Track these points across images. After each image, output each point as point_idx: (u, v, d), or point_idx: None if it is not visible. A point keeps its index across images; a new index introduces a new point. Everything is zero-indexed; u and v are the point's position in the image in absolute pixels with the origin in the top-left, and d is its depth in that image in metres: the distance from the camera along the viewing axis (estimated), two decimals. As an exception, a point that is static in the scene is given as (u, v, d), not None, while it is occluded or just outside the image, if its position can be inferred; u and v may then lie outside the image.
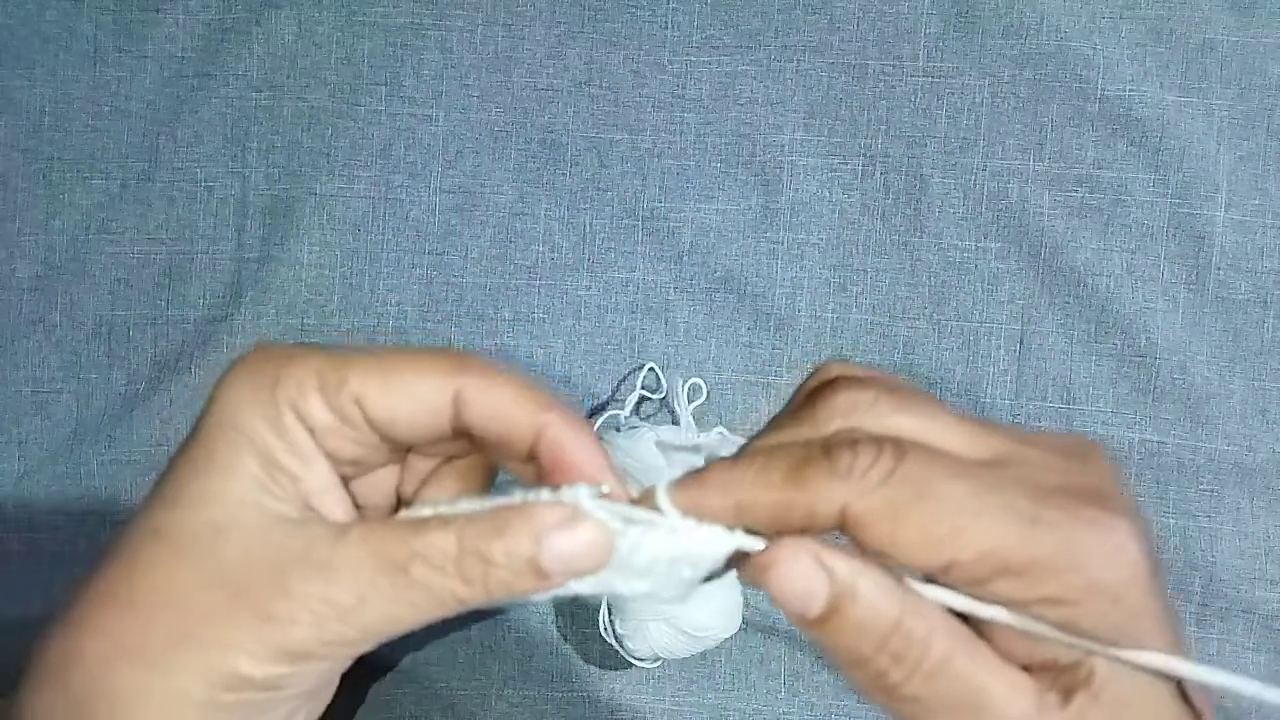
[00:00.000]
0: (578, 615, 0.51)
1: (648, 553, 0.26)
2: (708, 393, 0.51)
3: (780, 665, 0.51)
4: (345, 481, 0.28)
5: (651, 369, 0.52)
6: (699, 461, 0.40)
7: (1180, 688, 0.25)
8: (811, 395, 0.26)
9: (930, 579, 0.25)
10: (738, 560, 0.26)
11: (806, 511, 0.24)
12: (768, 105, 0.53)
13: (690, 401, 0.50)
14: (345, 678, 0.29)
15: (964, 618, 0.25)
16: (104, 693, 0.25)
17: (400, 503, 0.31)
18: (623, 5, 0.54)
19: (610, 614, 0.48)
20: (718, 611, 0.47)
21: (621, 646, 0.48)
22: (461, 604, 0.26)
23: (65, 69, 0.53)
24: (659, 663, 0.50)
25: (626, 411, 0.51)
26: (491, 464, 0.29)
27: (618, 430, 0.50)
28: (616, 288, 0.53)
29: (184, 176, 0.53)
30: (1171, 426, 0.52)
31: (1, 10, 0.53)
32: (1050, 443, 0.26)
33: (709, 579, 0.27)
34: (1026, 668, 0.25)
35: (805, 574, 0.24)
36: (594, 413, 0.52)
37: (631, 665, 0.49)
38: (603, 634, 0.48)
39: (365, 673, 0.51)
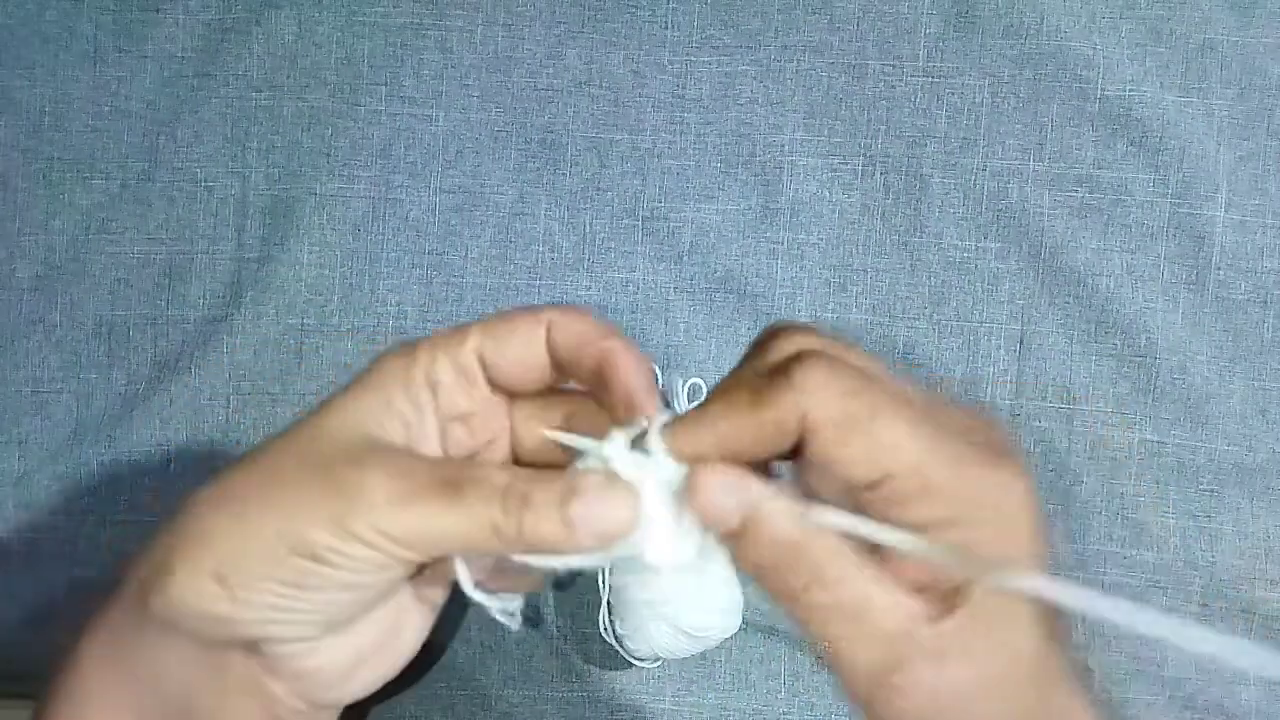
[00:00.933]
0: (578, 615, 0.51)
1: (667, 544, 0.29)
2: (708, 393, 0.51)
3: (780, 665, 0.51)
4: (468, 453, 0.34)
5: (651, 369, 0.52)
6: None
7: (1045, 614, 0.28)
8: (761, 344, 0.31)
9: (856, 497, 0.28)
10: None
11: (775, 427, 0.28)
12: (768, 105, 0.53)
13: (690, 401, 0.50)
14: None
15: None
16: (195, 529, 0.30)
17: None
18: (623, 5, 0.54)
19: (610, 614, 0.48)
20: (718, 611, 0.47)
21: (621, 646, 0.48)
22: (497, 534, 0.29)
23: (65, 69, 0.53)
24: (659, 663, 0.50)
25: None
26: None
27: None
28: (616, 288, 0.53)
29: (184, 176, 0.53)
30: (1171, 426, 0.52)
31: (1, 10, 0.53)
32: (962, 407, 0.30)
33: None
34: (920, 591, 0.28)
35: (723, 495, 0.28)
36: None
37: (631, 665, 0.49)
38: (603, 634, 0.48)
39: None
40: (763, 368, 0.30)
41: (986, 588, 0.27)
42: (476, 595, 0.31)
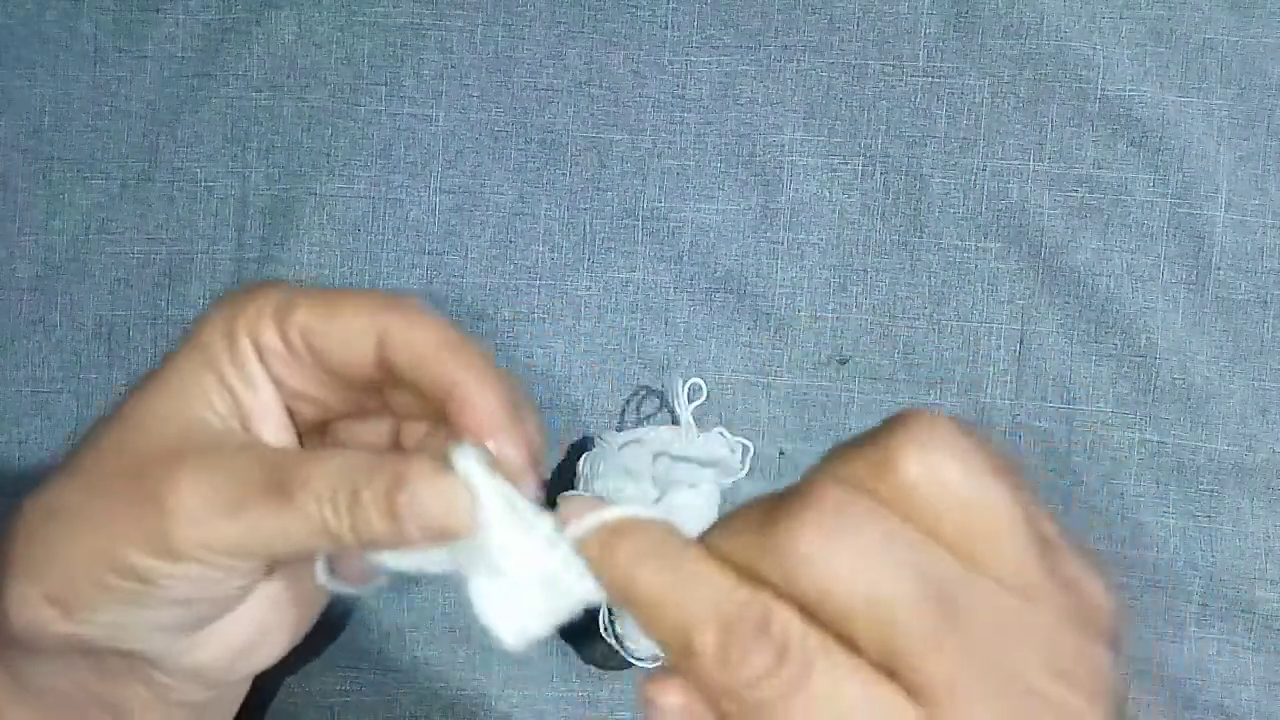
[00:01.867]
0: (577, 615, 0.51)
1: (517, 554, 0.25)
2: (708, 393, 0.51)
3: (780, 665, 0.51)
4: (320, 427, 0.30)
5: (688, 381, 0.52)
6: (703, 475, 0.39)
7: None
8: (791, 495, 0.22)
9: None
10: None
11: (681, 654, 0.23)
12: (768, 105, 0.53)
13: (690, 401, 0.50)
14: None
15: None
16: (28, 547, 0.28)
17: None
18: (623, 5, 0.54)
19: (610, 614, 0.48)
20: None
21: (621, 646, 0.48)
22: (331, 538, 0.26)
23: (65, 69, 0.53)
24: (659, 663, 0.49)
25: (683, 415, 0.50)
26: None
27: (618, 431, 0.50)
28: (616, 288, 0.53)
29: (184, 176, 0.53)
30: (1171, 426, 0.52)
31: (1, 10, 0.53)
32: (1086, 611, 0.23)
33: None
34: None
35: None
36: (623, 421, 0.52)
37: (631, 665, 0.49)
38: (603, 634, 0.48)
39: (365, 675, 0.51)
40: (764, 558, 0.22)
41: None
42: (331, 585, 0.29)
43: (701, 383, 0.51)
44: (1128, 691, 0.23)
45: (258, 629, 0.30)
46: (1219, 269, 0.52)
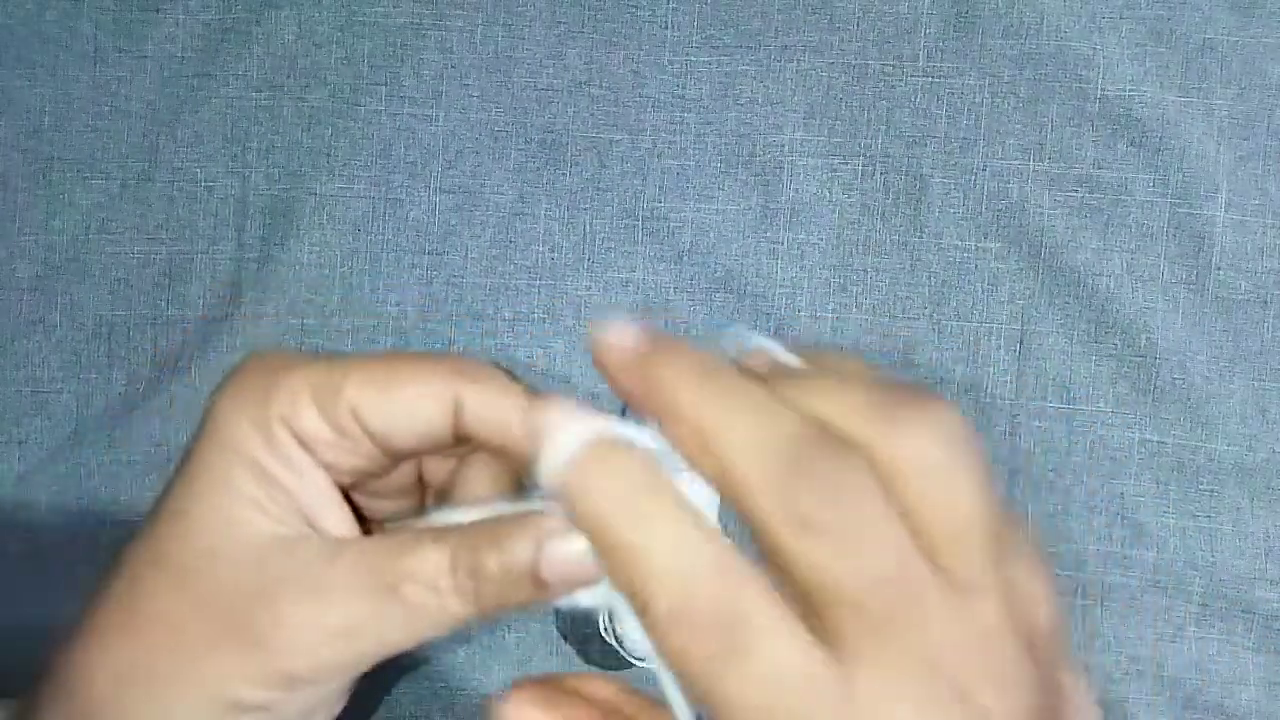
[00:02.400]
0: (577, 615, 0.51)
1: None
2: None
3: (780, 665, 0.51)
4: (353, 486, 0.28)
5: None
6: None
7: None
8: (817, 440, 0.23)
9: None
10: None
11: None
12: (768, 105, 0.53)
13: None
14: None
15: None
16: (113, 713, 0.25)
17: (424, 490, 0.31)
18: (623, 5, 0.54)
19: (610, 614, 0.48)
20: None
21: (621, 646, 0.48)
22: (458, 622, 0.25)
23: (65, 69, 0.53)
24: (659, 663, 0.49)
25: None
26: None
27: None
28: (616, 288, 0.53)
29: (184, 176, 0.53)
30: (1171, 426, 0.52)
31: (1, 10, 0.53)
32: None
33: None
34: None
35: None
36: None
37: (631, 665, 0.49)
38: (603, 634, 0.48)
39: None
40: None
41: None
42: None
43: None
44: (1058, 708, 0.23)
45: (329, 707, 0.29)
46: (1219, 269, 0.52)
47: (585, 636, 0.51)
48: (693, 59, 0.54)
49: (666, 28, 0.54)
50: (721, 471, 0.22)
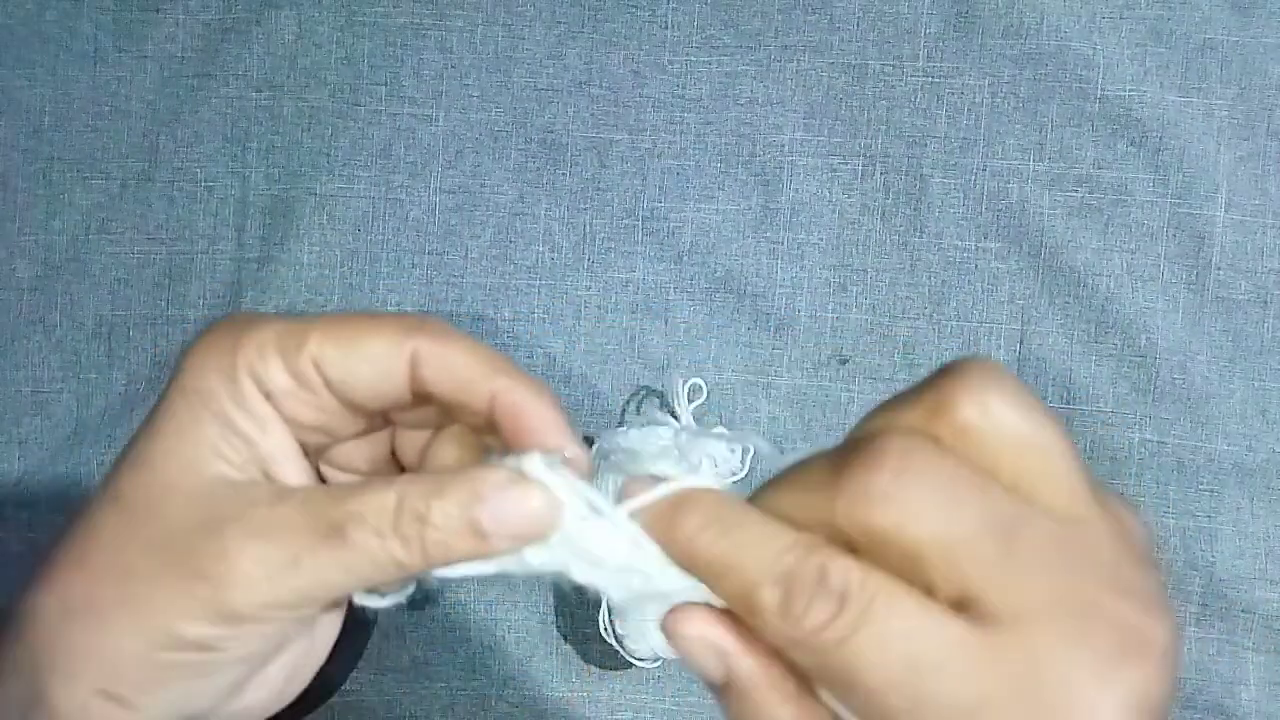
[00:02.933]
0: (578, 615, 0.51)
1: (598, 542, 0.25)
2: (708, 393, 0.51)
3: (780, 665, 0.51)
4: (319, 451, 0.29)
5: (697, 382, 0.52)
6: (724, 453, 0.39)
7: None
8: (858, 444, 0.24)
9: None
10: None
11: (747, 615, 0.24)
12: (768, 105, 0.53)
13: (690, 401, 0.50)
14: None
15: None
16: (57, 648, 0.26)
17: (400, 469, 0.31)
18: (623, 5, 0.54)
19: (610, 614, 0.48)
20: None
21: (621, 646, 0.48)
22: (400, 568, 0.25)
23: (65, 69, 0.53)
24: (659, 663, 0.50)
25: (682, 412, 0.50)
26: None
27: (619, 429, 0.50)
28: (616, 288, 0.53)
29: (184, 176, 0.53)
30: (1171, 426, 0.52)
31: (1, 10, 0.53)
32: (1125, 562, 0.23)
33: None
34: None
35: (701, 651, 0.24)
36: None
37: (631, 665, 0.49)
38: (603, 634, 0.48)
39: (363, 676, 0.51)
40: (818, 503, 0.23)
41: None
42: (362, 601, 0.28)
43: (702, 383, 0.51)
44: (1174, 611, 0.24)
45: (297, 661, 0.29)
46: (1219, 269, 0.52)
47: (585, 636, 0.51)
48: (693, 59, 0.54)
49: (666, 28, 0.54)
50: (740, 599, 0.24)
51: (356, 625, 0.43)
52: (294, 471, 0.28)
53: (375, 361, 0.27)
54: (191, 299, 0.53)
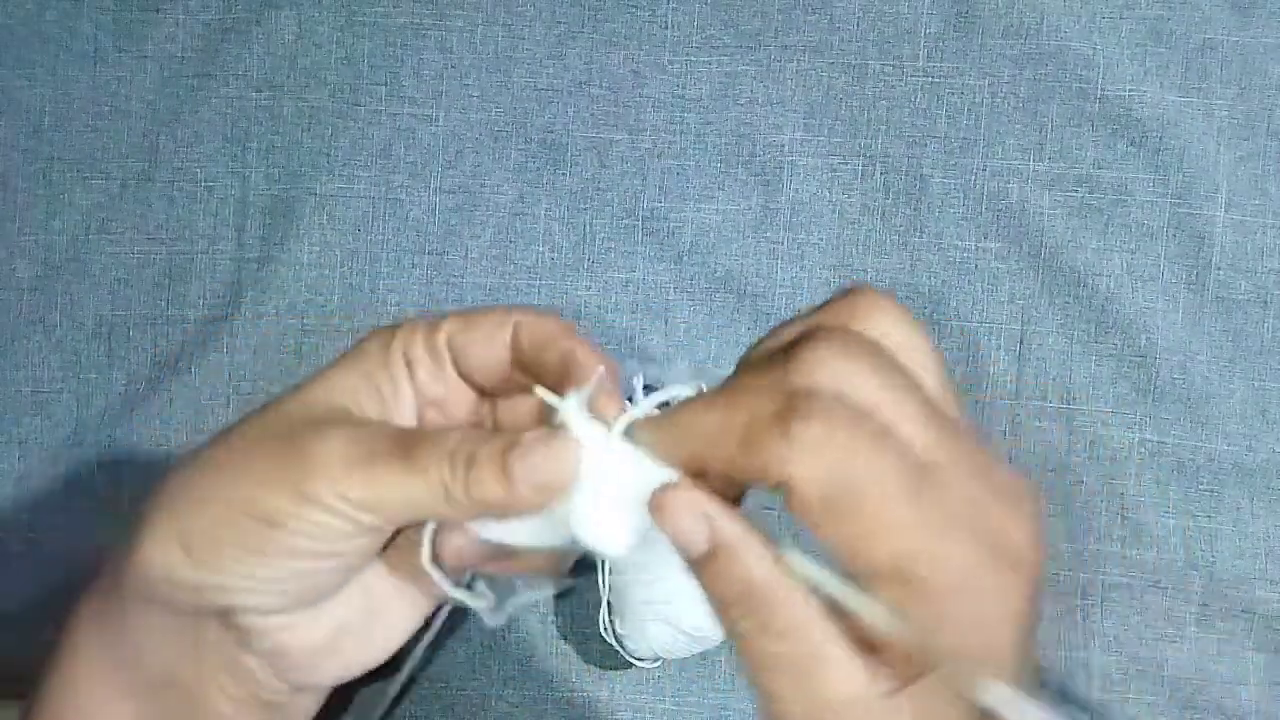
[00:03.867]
0: (578, 615, 0.51)
1: (609, 473, 0.28)
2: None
3: (780, 665, 0.51)
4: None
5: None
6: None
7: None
8: (798, 344, 0.28)
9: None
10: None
11: (755, 474, 0.26)
12: (768, 105, 0.53)
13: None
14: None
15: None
16: (161, 491, 0.31)
17: None
18: (623, 5, 0.54)
19: (610, 614, 0.48)
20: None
21: (621, 646, 0.48)
22: (447, 499, 0.29)
23: (65, 69, 0.53)
24: (659, 663, 0.50)
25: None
26: None
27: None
28: (616, 288, 0.53)
29: (184, 176, 0.53)
30: (1171, 426, 0.52)
31: (1, 10, 0.53)
32: (993, 476, 0.27)
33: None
34: (872, 651, 0.26)
35: (689, 523, 0.27)
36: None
37: (631, 665, 0.49)
38: (603, 634, 0.48)
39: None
40: (778, 382, 0.27)
41: (951, 680, 0.26)
42: (432, 569, 0.31)
43: (702, 384, 0.51)
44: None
45: (343, 627, 0.32)
46: (1219, 269, 0.52)
47: (585, 636, 0.51)
48: (693, 59, 0.54)
49: (666, 28, 0.54)
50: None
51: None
52: (406, 425, 0.33)
53: (489, 332, 0.32)
54: (191, 299, 0.53)
